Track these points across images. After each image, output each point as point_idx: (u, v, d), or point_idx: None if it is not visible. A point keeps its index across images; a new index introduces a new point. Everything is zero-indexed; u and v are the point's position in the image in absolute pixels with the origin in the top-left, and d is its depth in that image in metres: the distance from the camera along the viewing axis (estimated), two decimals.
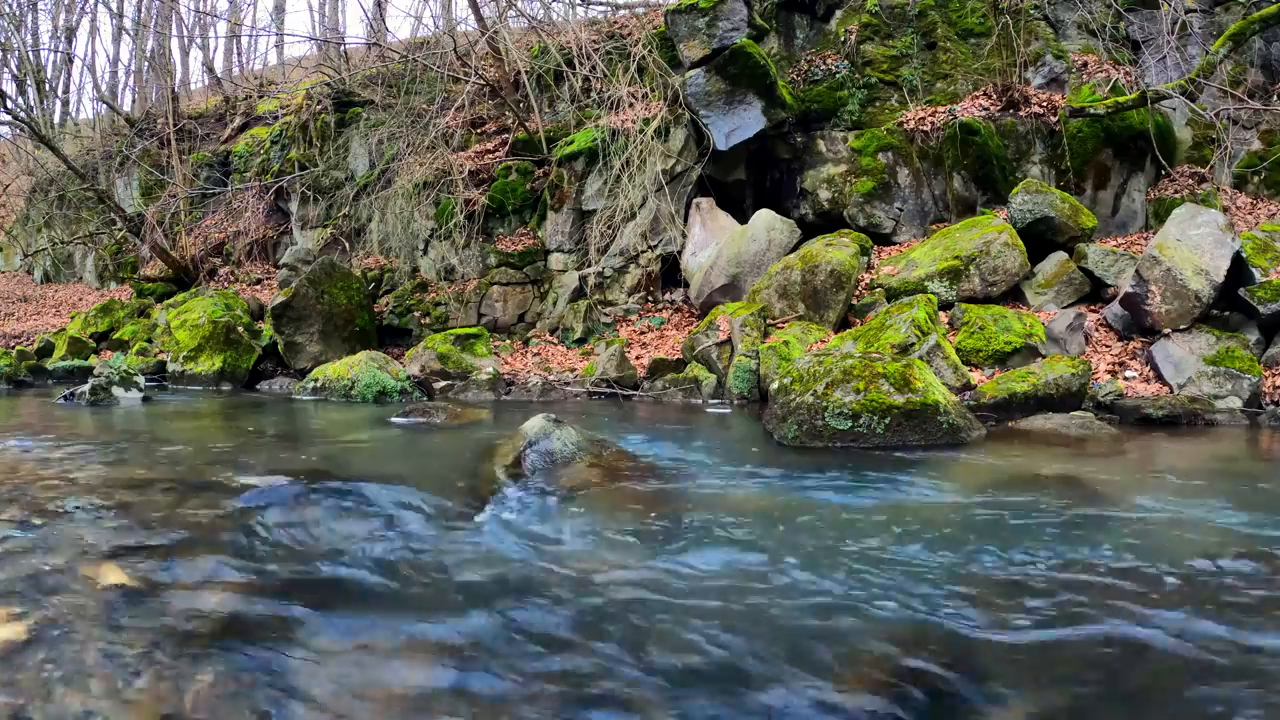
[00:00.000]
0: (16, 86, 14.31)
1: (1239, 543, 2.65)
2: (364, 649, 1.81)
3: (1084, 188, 8.24)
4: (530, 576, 2.29)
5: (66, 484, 3.21)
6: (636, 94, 9.25)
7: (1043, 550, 2.54)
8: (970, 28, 9.28)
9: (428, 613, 2.02)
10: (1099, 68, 8.89)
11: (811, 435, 4.39)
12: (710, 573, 2.33)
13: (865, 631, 1.94)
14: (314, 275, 8.88)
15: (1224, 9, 8.85)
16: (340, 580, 2.23)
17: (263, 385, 8.38)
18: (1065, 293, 7.14)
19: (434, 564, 2.38)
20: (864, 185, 8.71)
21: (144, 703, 1.55)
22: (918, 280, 7.30)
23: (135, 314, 11.33)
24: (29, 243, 16.24)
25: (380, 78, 12.35)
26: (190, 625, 1.89)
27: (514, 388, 7.51)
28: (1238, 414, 5.41)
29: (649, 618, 2.00)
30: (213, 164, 13.81)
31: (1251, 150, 8.53)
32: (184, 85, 18.23)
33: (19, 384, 8.58)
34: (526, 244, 9.55)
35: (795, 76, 9.48)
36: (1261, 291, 6.06)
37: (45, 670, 1.65)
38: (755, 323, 7.05)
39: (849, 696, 1.63)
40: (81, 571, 2.18)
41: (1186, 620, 1.99)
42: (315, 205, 11.88)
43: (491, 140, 10.64)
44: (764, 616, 2.02)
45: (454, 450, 4.34)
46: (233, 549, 2.43)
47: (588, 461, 3.63)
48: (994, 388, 5.65)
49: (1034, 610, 2.08)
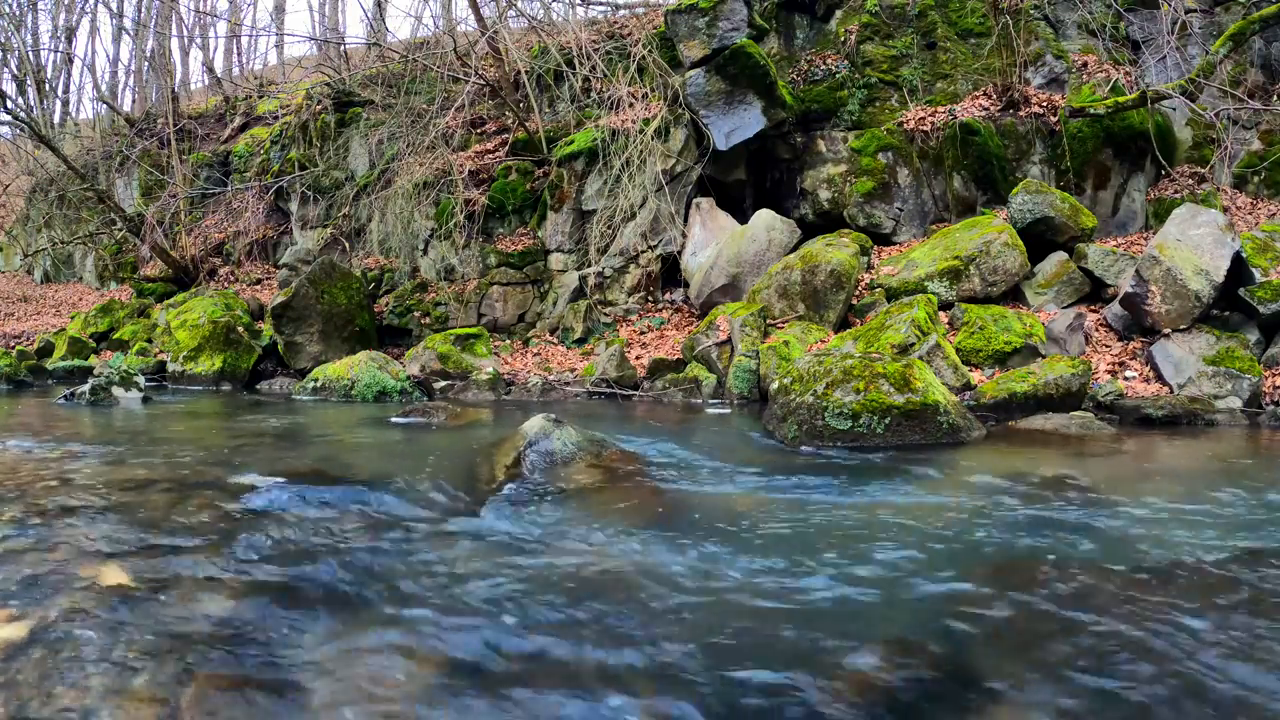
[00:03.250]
0: (16, 86, 14.31)
1: (1239, 543, 2.65)
2: (363, 649, 1.81)
3: (1084, 188, 8.24)
4: (530, 576, 2.29)
5: (66, 484, 3.21)
6: (636, 94, 9.25)
7: (1043, 550, 2.55)
8: (970, 28, 9.28)
9: (427, 612, 2.02)
10: (1099, 68, 8.89)
11: (811, 435, 4.39)
12: (709, 572, 2.33)
13: (865, 631, 1.94)
14: (314, 275, 8.89)
15: (1224, 9, 8.85)
16: (339, 580, 2.23)
17: (263, 385, 8.38)
18: (1065, 293, 7.14)
19: (434, 564, 2.38)
20: (864, 185, 8.71)
21: (143, 703, 1.55)
22: (918, 280, 7.30)
23: (135, 314, 11.33)
24: (29, 243, 16.24)
25: (380, 78, 12.35)
26: (190, 625, 1.89)
27: (514, 388, 7.51)
28: (1238, 414, 5.41)
29: (649, 617, 2.00)
30: (213, 164, 13.81)
31: (1251, 150, 8.53)
32: (184, 85, 18.24)
33: (19, 384, 8.58)
34: (526, 244, 9.55)
35: (795, 76, 9.48)
36: (1261, 291, 6.06)
37: (45, 670, 1.65)
38: (755, 323, 7.05)
39: (846, 697, 1.64)
40: (81, 571, 2.18)
41: (1185, 620, 1.99)
42: (315, 205, 11.88)
43: (491, 140, 10.64)
44: (764, 616, 2.03)
45: (454, 450, 4.34)
46: (232, 549, 2.43)
47: (587, 461, 3.63)
48: (994, 388, 5.65)
49: (1034, 609, 2.08)
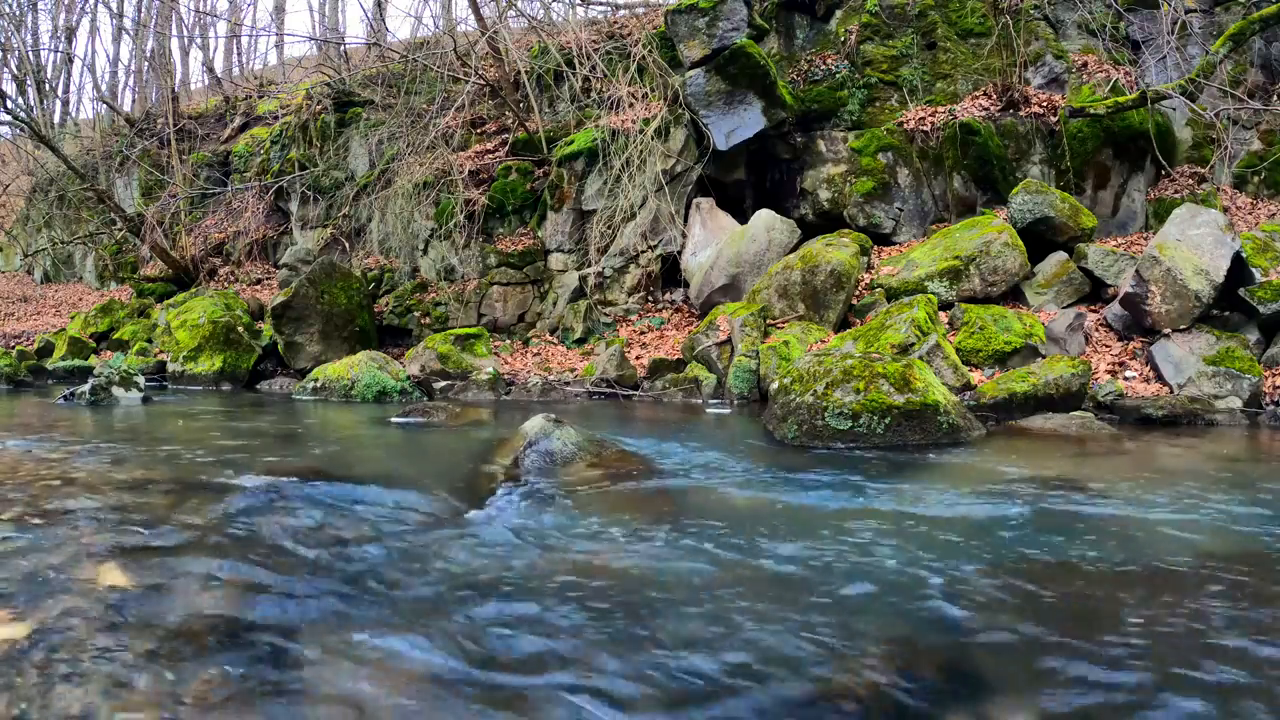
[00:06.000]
0: (16, 86, 14.32)
1: (1238, 542, 2.65)
2: (363, 648, 1.81)
3: (1084, 188, 8.24)
4: (530, 576, 2.29)
5: (66, 484, 3.21)
6: (636, 94, 9.25)
7: (1043, 549, 2.55)
8: (970, 28, 9.28)
9: (427, 612, 2.02)
10: (1099, 68, 8.89)
11: (811, 435, 4.39)
12: (709, 572, 2.33)
13: (864, 631, 1.94)
14: (314, 275, 8.89)
15: (1224, 9, 8.85)
16: (339, 580, 2.23)
17: (263, 385, 8.38)
18: (1065, 293, 7.14)
19: (433, 563, 2.38)
20: (864, 185, 8.71)
21: (144, 703, 1.55)
22: (918, 280, 7.30)
23: (135, 314, 11.33)
24: (29, 243, 16.24)
25: (380, 78, 12.35)
26: (190, 625, 1.89)
27: (514, 388, 7.51)
28: (1238, 414, 5.41)
29: (648, 616, 2.01)
30: (213, 164, 13.81)
31: (1251, 150, 8.53)
32: (184, 85, 18.24)
33: (19, 384, 8.58)
34: (526, 244, 9.55)
35: (795, 76, 9.48)
36: (1261, 291, 6.06)
37: (45, 670, 1.65)
38: (755, 323, 7.05)
39: (842, 697, 1.64)
40: (81, 571, 2.18)
41: (1185, 619, 1.99)
42: (315, 205, 11.88)
43: (491, 140, 10.64)
44: (763, 616, 2.03)
45: (454, 450, 4.34)
46: (232, 549, 2.43)
47: (587, 461, 3.63)
48: (994, 388, 5.65)
49: (1034, 608, 2.08)
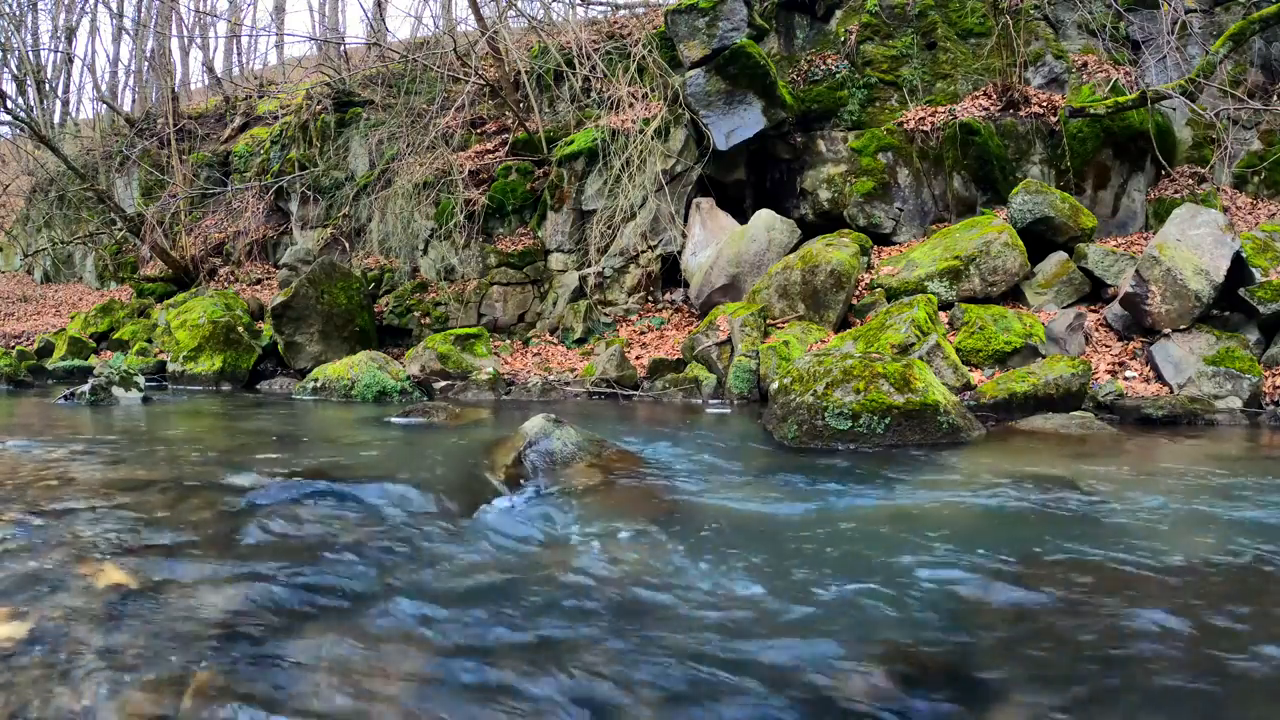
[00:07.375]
0: (16, 86, 14.29)
1: (1238, 542, 2.65)
2: (363, 648, 1.81)
3: (1084, 188, 8.24)
4: (530, 576, 2.29)
5: (66, 484, 3.21)
6: (636, 94, 9.25)
7: (1043, 549, 2.55)
8: (970, 28, 9.28)
9: (427, 612, 2.02)
10: (1099, 68, 8.89)
11: (811, 435, 4.39)
12: (708, 571, 2.33)
13: (864, 631, 1.94)
14: (314, 275, 8.88)
15: (1224, 9, 8.85)
16: (339, 580, 2.23)
17: (263, 385, 8.37)
18: (1065, 293, 7.14)
19: (433, 563, 2.38)
20: (864, 185, 8.71)
21: (144, 703, 1.55)
22: (918, 280, 7.30)
23: (135, 314, 11.33)
24: (29, 243, 16.23)
25: (380, 78, 12.35)
26: (190, 625, 1.89)
27: (514, 388, 7.51)
28: (1238, 414, 5.41)
29: (648, 616, 2.01)
30: (213, 164, 13.81)
31: (1251, 150, 8.53)
32: (184, 85, 18.23)
33: (19, 384, 8.58)
34: (526, 244, 9.55)
35: (795, 76, 9.48)
36: (1261, 291, 6.06)
37: (45, 670, 1.65)
38: (755, 323, 7.05)
39: (842, 697, 1.63)
40: (81, 571, 2.18)
41: (1185, 619, 1.99)
42: (315, 205, 11.88)
43: (491, 140, 10.64)
44: (764, 616, 2.03)
45: (454, 450, 4.33)
46: (232, 549, 2.43)
47: (587, 461, 3.62)
48: (994, 388, 5.65)
49: (1033, 608, 2.08)
